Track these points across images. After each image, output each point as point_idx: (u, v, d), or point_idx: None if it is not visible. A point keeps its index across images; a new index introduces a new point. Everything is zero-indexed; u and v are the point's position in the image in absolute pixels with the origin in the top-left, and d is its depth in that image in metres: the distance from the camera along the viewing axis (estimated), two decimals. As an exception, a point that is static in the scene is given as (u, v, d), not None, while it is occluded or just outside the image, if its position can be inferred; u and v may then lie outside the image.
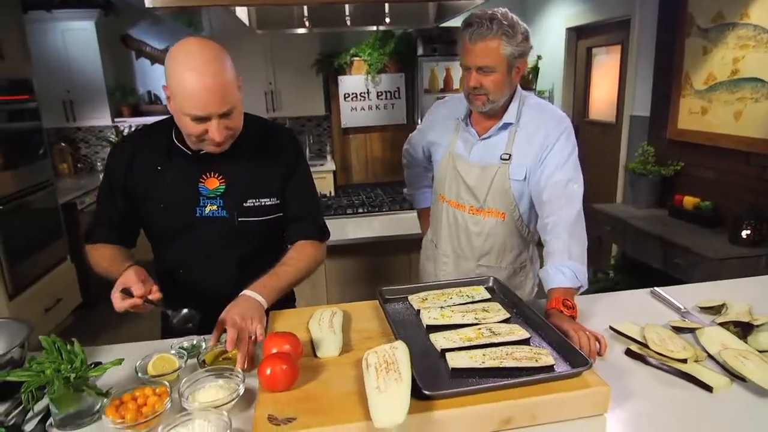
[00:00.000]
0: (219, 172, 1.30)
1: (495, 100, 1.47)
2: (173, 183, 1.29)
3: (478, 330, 1.12)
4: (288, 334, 1.06)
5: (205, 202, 1.30)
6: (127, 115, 4.70)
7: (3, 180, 3.03)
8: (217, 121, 1.14)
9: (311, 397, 0.93)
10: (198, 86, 1.10)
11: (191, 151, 1.29)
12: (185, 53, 1.13)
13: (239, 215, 1.31)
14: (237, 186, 1.31)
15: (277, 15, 2.98)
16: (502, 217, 1.57)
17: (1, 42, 3.07)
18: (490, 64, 1.41)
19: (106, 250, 1.34)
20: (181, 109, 1.14)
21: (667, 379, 1.08)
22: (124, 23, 4.69)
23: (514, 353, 1.02)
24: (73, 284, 3.74)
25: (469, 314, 1.20)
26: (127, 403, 0.94)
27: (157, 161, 1.30)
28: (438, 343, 1.07)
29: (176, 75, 1.12)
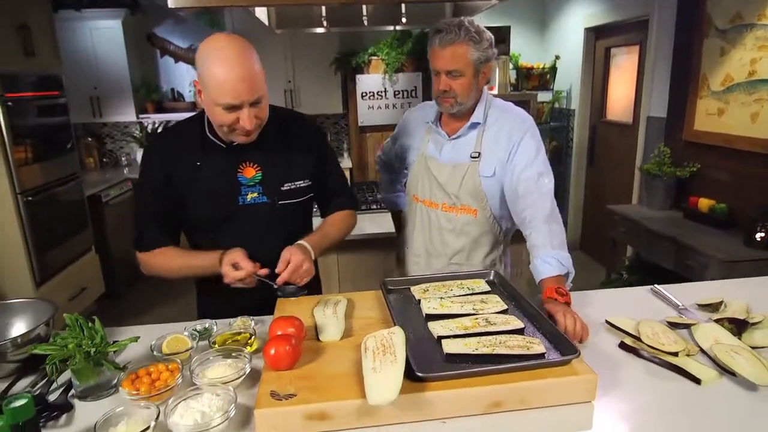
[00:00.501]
0: (254, 161, 1.38)
1: (462, 102, 1.55)
2: (213, 176, 1.36)
3: (474, 320, 1.16)
4: (293, 318, 1.12)
5: (246, 191, 1.38)
6: (151, 111, 4.83)
7: (33, 172, 3.16)
8: (247, 110, 1.22)
9: (311, 376, 0.99)
10: (230, 76, 1.17)
11: (225, 144, 1.36)
12: (215, 48, 1.20)
13: (279, 199, 1.41)
14: (272, 172, 1.40)
15: (295, 15, 3.05)
16: (474, 214, 1.63)
17: (32, 40, 3.20)
18: (459, 68, 1.49)
19: (169, 251, 1.40)
20: (214, 99, 1.20)
21: (658, 371, 1.11)
22: (149, 22, 4.82)
23: (508, 341, 1.06)
24: (96, 274, 3.88)
25: (467, 305, 1.24)
26: (142, 378, 1.01)
27: (194, 156, 1.36)
28: (435, 330, 1.12)
29: (209, 68, 1.19)
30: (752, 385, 1.04)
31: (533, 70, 4.83)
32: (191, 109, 4.94)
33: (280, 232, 1.41)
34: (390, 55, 4.52)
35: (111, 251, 4.08)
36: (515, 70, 4.79)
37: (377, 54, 4.55)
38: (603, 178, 4.59)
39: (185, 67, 5.00)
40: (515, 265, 1.92)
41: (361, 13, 3.09)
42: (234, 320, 1.30)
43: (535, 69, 4.83)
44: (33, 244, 3.11)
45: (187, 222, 1.44)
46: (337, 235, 1.50)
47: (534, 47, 5.14)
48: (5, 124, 2.90)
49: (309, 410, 0.90)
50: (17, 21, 3.09)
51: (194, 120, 1.41)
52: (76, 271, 3.57)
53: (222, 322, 1.31)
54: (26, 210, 3.06)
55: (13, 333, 1.22)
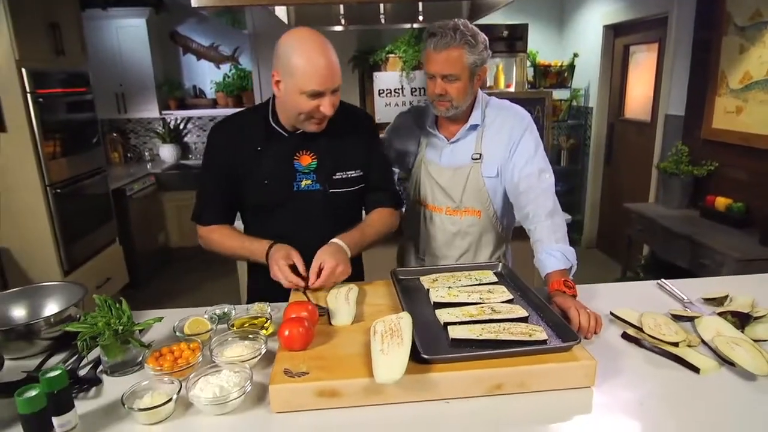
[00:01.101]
0: (310, 149, 1.46)
1: (458, 105, 1.56)
2: (272, 161, 1.45)
3: (480, 308, 1.21)
4: (307, 303, 1.18)
5: (301, 177, 1.46)
6: (174, 108, 4.96)
7: (61, 166, 3.29)
8: (329, 97, 1.31)
9: (322, 357, 1.04)
10: (318, 64, 1.27)
11: (286, 132, 1.45)
12: (300, 39, 1.30)
13: (330, 187, 1.47)
14: (327, 161, 1.47)
15: (314, 13, 3.11)
16: (478, 214, 1.66)
17: (62, 38, 3.32)
18: (455, 72, 1.49)
19: (225, 230, 1.49)
20: (300, 87, 1.29)
21: (659, 360, 1.14)
22: (172, 21, 4.95)
23: (511, 329, 1.11)
24: (120, 265, 4.01)
25: (474, 294, 1.29)
26: (165, 355, 1.08)
27: (256, 142, 1.45)
28: (442, 317, 1.17)
29: (296, 57, 1.27)
30: (751, 376, 1.07)
31: (551, 68, 4.82)
32: (212, 105, 5.06)
33: (331, 219, 1.48)
34: (407, 53, 4.56)
35: (134, 243, 4.21)
36: (533, 67, 4.79)
37: (394, 52, 4.59)
38: (620, 177, 4.57)
39: (207, 64, 5.11)
40: (517, 261, 1.94)
41: (379, 12, 3.14)
42: (251, 306, 1.36)
43: (552, 66, 4.82)
44: (61, 235, 3.23)
45: (243, 205, 1.51)
46: (374, 236, 1.52)
47: (552, 45, 5.13)
48: (36, 120, 3.02)
49: (320, 387, 0.96)
50: (48, 20, 3.21)
51: (259, 108, 1.50)
52: (101, 261, 3.69)
53: (240, 308, 1.38)
54: (55, 202, 3.18)
55: (46, 312, 1.30)
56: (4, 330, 1.15)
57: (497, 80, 4.68)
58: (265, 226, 1.48)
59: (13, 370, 1.10)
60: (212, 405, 0.95)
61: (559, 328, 1.12)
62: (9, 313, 1.29)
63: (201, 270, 4.59)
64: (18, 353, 1.17)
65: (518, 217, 1.59)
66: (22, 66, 2.93)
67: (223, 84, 5.01)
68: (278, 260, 1.32)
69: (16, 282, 3.19)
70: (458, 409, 0.98)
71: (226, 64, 5.10)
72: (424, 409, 0.98)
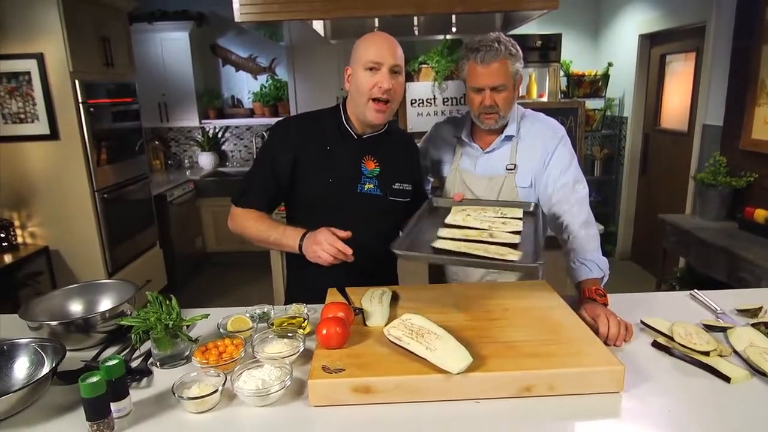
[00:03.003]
0: (376, 157, 1.56)
1: (505, 115, 1.60)
2: (342, 161, 1.52)
3: (480, 232, 1.30)
4: (343, 304, 1.24)
5: (365, 180, 1.54)
6: (213, 117, 5.14)
7: (108, 173, 3.47)
8: (387, 72, 1.41)
9: (358, 355, 1.10)
10: (378, 38, 1.44)
11: (357, 135, 1.54)
12: (370, 33, 1.48)
13: (390, 195, 1.56)
14: (389, 170, 1.57)
15: (349, 26, 3.20)
16: None
17: (112, 52, 3.52)
18: (504, 82, 1.54)
19: (256, 214, 1.51)
20: (361, 62, 1.42)
21: (688, 369, 1.15)
22: (213, 33, 5.16)
23: (490, 248, 1.18)
24: (160, 268, 4.18)
25: (486, 222, 1.35)
26: (211, 350, 1.16)
27: (326, 141, 1.52)
28: (441, 233, 1.27)
29: (361, 43, 1.44)
30: (784, 387, 1.07)
31: (585, 77, 4.79)
32: (249, 115, 5.22)
33: (384, 224, 1.56)
34: (440, 63, 4.61)
35: (174, 247, 4.37)
36: (566, 77, 4.78)
37: (427, 62, 4.66)
38: (655, 187, 4.50)
39: (245, 75, 5.29)
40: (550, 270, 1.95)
41: (413, 24, 3.21)
42: (289, 306, 1.43)
43: (586, 76, 4.80)
44: (107, 238, 3.40)
45: (300, 202, 1.56)
46: None
47: (586, 54, 5.10)
48: (87, 129, 3.21)
49: (355, 383, 1.01)
50: (99, 34, 3.40)
51: (331, 110, 1.59)
52: (142, 263, 3.86)
53: (279, 308, 1.45)
54: (101, 207, 3.36)
55: (101, 308, 1.40)
56: (65, 323, 1.25)
57: (530, 90, 4.68)
58: (320, 225, 1.42)
59: (73, 359, 1.19)
60: (255, 397, 1.01)
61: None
62: (68, 308, 1.39)
63: (235, 274, 4.73)
64: (77, 344, 1.26)
65: (552, 227, 1.62)
66: (76, 78, 3.12)
67: (260, 94, 5.17)
68: (324, 233, 1.32)
69: (64, 282, 3.36)
70: (488, 410, 1.01)
71: (263, 75, 5.27)
72: (454, 408, 1.02)
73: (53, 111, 3.13)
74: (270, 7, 2.18)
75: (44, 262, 3.29)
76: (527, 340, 1.14)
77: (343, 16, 2.30)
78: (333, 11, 2.25)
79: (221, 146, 5.45)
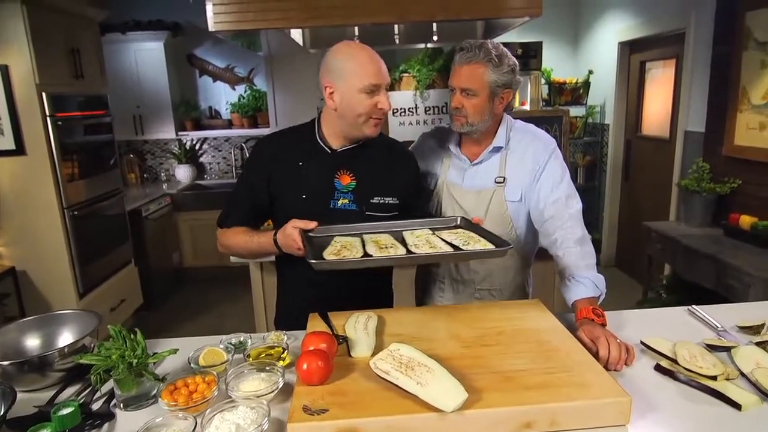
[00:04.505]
0: (351, 171, 1.49)
1: (473, 123, 1.53)
2: (313, 177, 1.48)
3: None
4: (325, 334, 1.14)
5: (339, 196, 1.48)
6: (190, 129, 5.01)
7: (79, 188, 3.31)
8: (384, 93, 1.38)
9: (343, 392, 1.00)
10: (372, 59, 1.37)
11: (330, 150, 1.48)
12: (349, 47, 1.41)
13: (367, 209, 1.49)
14: (366, 184, 1.49)
15: (329, 35, 3.12)
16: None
17: (81, 63, 3.38)
18: (473, 87, 1.49)
19: (239, 229, 1.51)
20: (357, 86, 1.35)
21: (696, 395, 1.08)
22: (189, 44, 5.03)
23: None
24: (135, 286, 4.01)
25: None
26: (180, 389, 1.05)
27: (299, 158, 1.49)
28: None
29: (351, 61, 1.36)
30: (797, 412, 1.01)
31: (566, 85, 4.79)
32: (227, 126, 5.10)
33: None
34: (421, 72, 4.56)
35: (149, 264, 4.21)
36: (547, 85, 4.77)
37: (408, 71, 4.60)
38: (639, 194, 4.49)
39: (222, 85, 5.17)
40: (538, 285, 1.88)
41: (393, 32, 3.15)
42: (267, 334, 1.33)
43: (567, 84, 4.80)
44: (77, 257, 3.24)
45: (279, 220, 1.51)
46: None
47: (566, 62, 5.11)
48: (55, 143, 3.06)
49: (340, 426, 0.92)
50: (69, 45, 3.26)
51: (306, 125, 1.55)
52: (116, 283, 3.70)
53: (256, 336, 1.35)
54: (71, 224, 3.20)
55: (60, 342, 1.28)
56: (18, 363, 1.13)
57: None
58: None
59: (26, 403, 1.08)
60: (228, 444, 0.92)
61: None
62: (23, 344, 1.27)
63: (215, 289, 4.58)
64: (31, 386, 1.15)
65: (544, 243, 1.55)
66: (42, 90, 2.98)
67: (239, 105, 5.06)
68: (289, 224, 1.33)
69: (32, 304, 3.20)
70: (485, 449, 0.93)
71: (241, 86, 5.16)
72: (449, 449, 0.93)
73: (19, 125, 2.98)
74: (245, 15, 2.10)
75: (11, 283, 3.12)
76: (525, 369, 1.06)
77: (321, 24, 2.23)
78: (310, 20, 2.17)
79: (199, 158, 5.31)
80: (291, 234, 1.31)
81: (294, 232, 1.31)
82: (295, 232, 1.31)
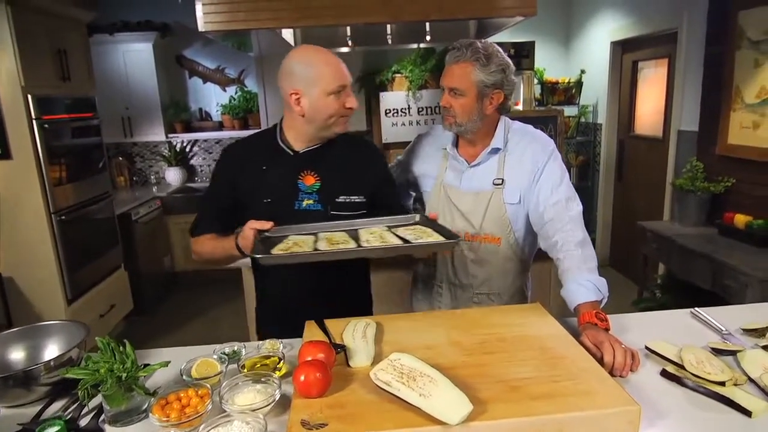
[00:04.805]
0: (315, 171, 1.48)
1: (461, 123, 1.52)
2: (276, 180, 1.47)
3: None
4: (322, 343, 1.10)
5: (303, 197, 1.47)
6: (180, 131, 4.94)
7: (66, 192, 3.24)
8: (350, 90, 1.40)
9: (342, 404, 0.96)
10: (336, 62, 1.38)
11: (293, 151, 1.48)
12: (310, 51, 1.41)
13: (332, 209, 1.47)
14: (330, 183, 1.48)
15: (321, 35, 3.08)
16: (498, 242, 1.59)
17: (68, 64, 3.31)
18: (460, 87, 1.48)
19: (208, 236, 1.52)
20: (325, 88, 1.36)
21: (704, 402, 1.05)
22: (179, 44, 4.96)
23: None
24: (125, 291, 3.94)
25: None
26: (172, 403, 1.01)
27: (262, 161, 1.49)
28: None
29: (315, 66, 1.37)
30: (807, 418, 0.98)
31: (558, 85, 4.79)
32: (218, 128, 5.04)
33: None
34: (413, 72, 4.53)
35: (140, 268, 4.14)
36: (540, 84, 4.76)
37: (401, 71, 4.57)
38: (632, 194, 4.49)
39: (213, 87, 5.11)
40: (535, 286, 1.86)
41: (386, 32, 3.11)
42: (262, 343, 1.29)
43: (560, 84, 4.79)
44: (65, 263, 3.17)
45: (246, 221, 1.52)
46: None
47: (559, 62, 5.11)
48: (42, 146, 2.99)
49: (340, 440, 0.88)
50: (55, 46, 3.20)
51: (269, 130, 1.55)
52: (105, 288, 3.63)
53: (250, 345, 1.31)
54: (59, 229, 3.13)
55: (46, 355, 1.23)
56: (1, 378, 1.08)
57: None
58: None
59: (9, 420, 1.03)
60: (223, 461, 0.88)
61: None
62: (7, 357, 1.22)
63: (207, 293, 4.52)
64: (15, 401, 1.10)
65: (544, 246, 1.52)
66: (28, 92, 2.91)
67: (229, 106, 5.00)
68: (246, 229, 1.33)
69: (19, 311, 3.13)
70: (491, 462, 0.90)
71: (231, 87, 5.10)
72: (454, 463, 0.90)
73: (4, 128, 2.91)
74: (235, 15, 2.05)
75: (-3, 290, 3.05)
76: (530, 377, 1.03)
77: (313, 24, 2.19)
78: (301, 20, 2.13)
79: (189, 161, 5.24)
80: (248, 235, 1.31)
81: (250, 233, 1.31)
82: (251, 233, 1.31)
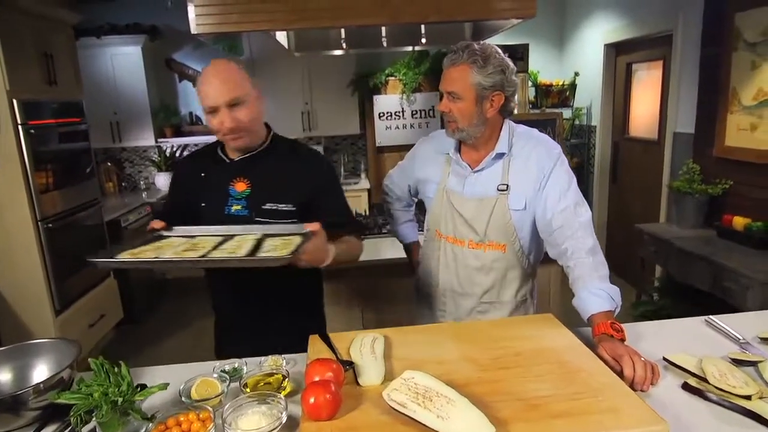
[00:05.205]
0: (248, 177, 1.50)
1: (463, 128, 1.48)
2: (212, 186, 1.53)
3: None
4: (330, 361, 1.04)
5: (233, 202, 1.50)
6: (170, 135, 4.85)
7: (54, 199, 3.15)
8: (226, 111, 1.37)
9: (354, 427, 0.91)
10: (210, 82, 1.38)
11: (229, 159, 1.53)
12: (207, 66, 1.43)
13: (257, 215, 1.48)
14: (260, 190, 1.49)
15: (315, 38, 3.03)
16: (503, 249, 1.54)
17: (55, 68, 3.22)
18: (457, 90, 1.44)
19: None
20: (204, 107, 1.40)
21: (729, 416, 1.01)
22: (168, 47, 4.87)
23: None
24: (115, 300, 3.84)
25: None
26: (172, 428, 0.95)
27: (203, 169, 1.56)
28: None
29: (200, 83, 1.40)
30: (838, 433, 0.94)
31: (552, 87, 4.77)
32: (208, 132, 4.94)
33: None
34: (407, 75, 4.50)
35: (130, 276, 4.05)
36: (534, 87, 4.74)
37: (394, 74, 4.54)
38: (627, 196, 4.48)
39: (203, 91, 5.02)
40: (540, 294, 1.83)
41: (380, 35, 3.07)
42: (264, 359, 1.23)
43: (554, 86, 4.77)
44: (52, 272, 3.08)
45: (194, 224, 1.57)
46: (351, 252, 1.53)
47: (553, 64, 5.10)
48: (27, 152, 2.90)
49: (354, 468, 0.82)
50: (41, 50, 3.11)
51: (215, 142, 1.58)
52: (95, 297, 3.53)
53: (252, 362, 1.25)
54: (46, 237, 3.04)
55: (35, 376, 1.16)
56: (-14, 403, 1.01)
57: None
58: None
59: (-3, 449, 0.96)
60: (229, 493, 0.82)
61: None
62: (-7, 379, 1.15)
63: (198, 301, 4.41)
64: (2, 427, 1.03)
65: (553, 254, 1.48)
66: (13, 97, 2.82)
67: (220, 110, 4.92)
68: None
69: (4, 322, 3.03)
70: (514, 488, 0.85)
71: (222, 90, 5.01)
72: (474, 489, 0.84)
73: (-12, 134, 2.82)
74: (229, 17, 1.99)
75: (-19, 301, 2.95)
76: (550, 394, 0.98)
77: (308, 26, 2.13)
78: (296, 21, 2.07)
79: (179, 166, 5.15)
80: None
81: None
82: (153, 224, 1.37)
